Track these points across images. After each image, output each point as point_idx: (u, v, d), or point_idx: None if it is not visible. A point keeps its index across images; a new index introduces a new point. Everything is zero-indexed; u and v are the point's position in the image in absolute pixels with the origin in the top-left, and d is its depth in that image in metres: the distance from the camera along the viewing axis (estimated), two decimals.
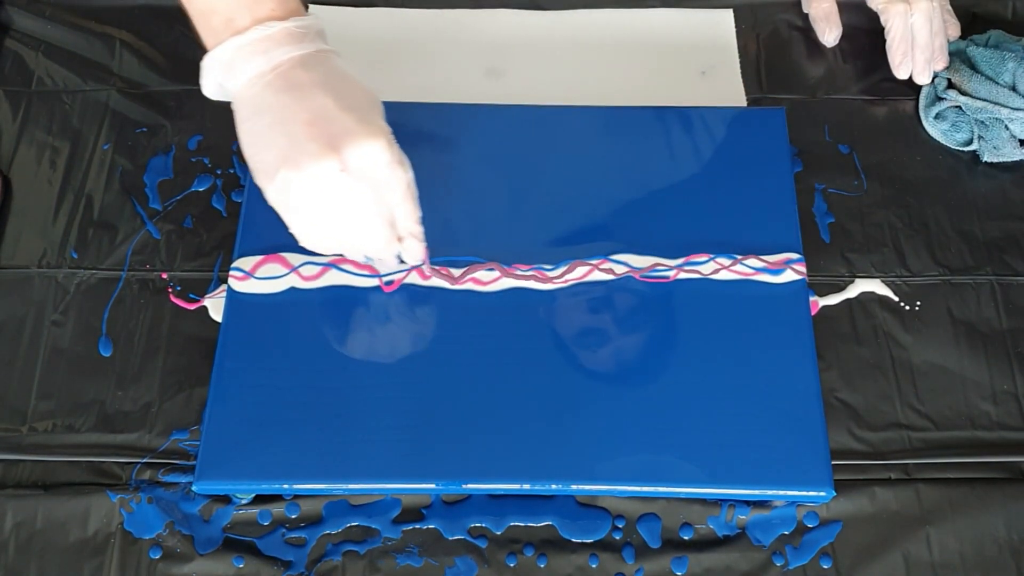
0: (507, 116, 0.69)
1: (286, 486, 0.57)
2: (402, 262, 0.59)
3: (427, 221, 0.57)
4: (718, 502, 0.59)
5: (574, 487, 0.57)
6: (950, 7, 0.75)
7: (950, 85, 0.73)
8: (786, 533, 0.58)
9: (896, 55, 0.73)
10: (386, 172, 0.54)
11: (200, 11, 0.54)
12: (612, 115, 0.69)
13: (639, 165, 0.67)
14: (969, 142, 0.71)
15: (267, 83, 0.53)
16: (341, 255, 0.60)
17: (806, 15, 0.78)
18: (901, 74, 0.74)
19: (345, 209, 0.54)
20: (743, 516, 0.59)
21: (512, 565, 0.57)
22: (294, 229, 0.56)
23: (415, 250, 0.58)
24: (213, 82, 0.55)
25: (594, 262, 0.63)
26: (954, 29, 0.75)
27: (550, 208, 0.65)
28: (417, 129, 0.68)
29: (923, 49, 0.72)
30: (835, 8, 0.76)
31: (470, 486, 0.57)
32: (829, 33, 0.76)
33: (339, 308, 0.61)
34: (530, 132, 0.68)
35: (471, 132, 0.68)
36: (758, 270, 0.63)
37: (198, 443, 0.59)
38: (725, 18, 0.78)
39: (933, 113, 0.72)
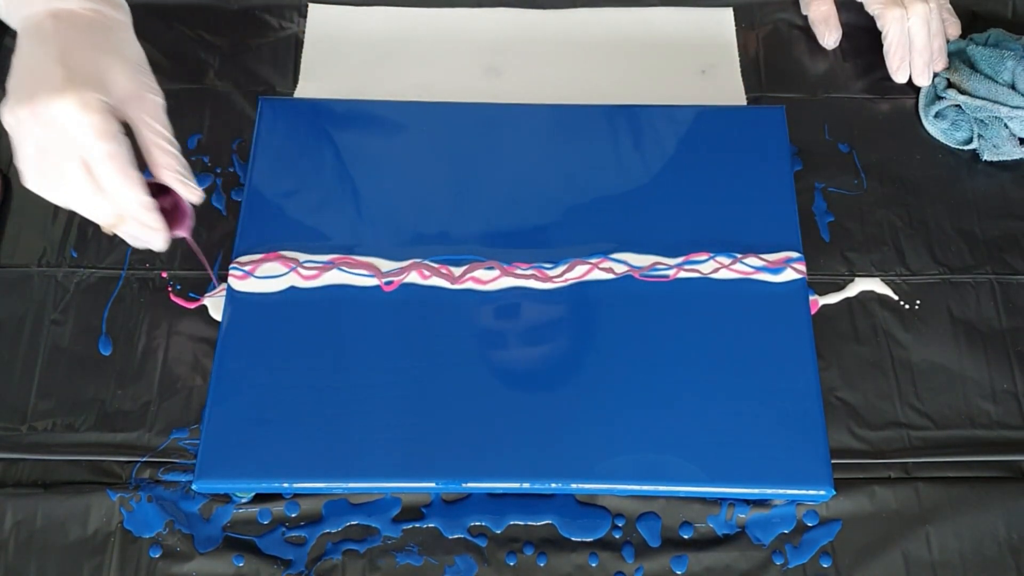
0: (507, 115, 0.69)
1: (286, 485, 0.57)
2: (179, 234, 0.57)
3: (427, 221, 0.58)
4: (718, 501, 0.59)
5: (574, 486, 0.57)
6: (950, 6, 0.75)
7: (950, 84, 0.73)
8: (786, 532, 0.58)
9: (893, 60, 0.73)
10: (85, 139, 0.51)
11: None
12: (612, 114, 0.69)
13: (639, 164, 0.67)
14: (969, 141, 0.71)
15: (35, 24, 0.53)
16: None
17: (805, 16, 0.78)
18: (899, 79, 0.74)
19: (41, 160, 0.52)
20: (743, 515, 0.59)
21: (512, 564, 0.57)
22: (25, 171, 0.53)
23: (141, 232, 0.55)
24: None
25: (594, 261, 0.63)
26: (954, 28, 0.75)
27: (550, 207, 0.65)
28: (417, 128, 0.68)
29: (921, 52, 0.72)
30: (834, 11, 0.76)
31: (470, 485, 0.57)
32: (829, 36, 0.76)
33: (339, 307, 0.61)
34: (529, 131, 0.68)
35: (471, 131, 0.68)
36: (758, 269, 0.63)
37: (198, 442, 0.59)
38: (725, 17, 0.78)
39: (933, 112, 0.72)
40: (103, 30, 0.54)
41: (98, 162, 0.52)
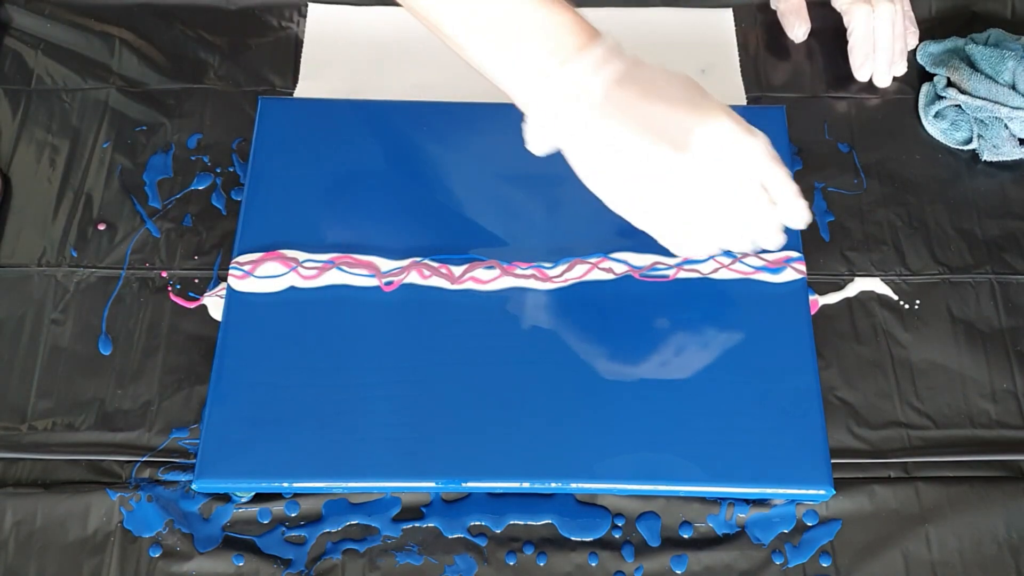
0: (507, 115, 0.68)
1: (286, 484, 0.57)
2: (785, 231, 0.56)
3: (427, 221, 0.58)
4: (717, 500, 0.59)
5: (574, 485, 0.57)
6: (912, 15, 0.76)
7: (949, 83, 0.73)
8: (785, 531, 0.58)
9: (858, 56, 0.73)
10: (737, 147, 0.52)
11: (510, 73, 0.53)
12: None
13: None
14: (969, 141, 0.71)
15: (598, 115, 0.52)
16: (726, 251, 0.57)
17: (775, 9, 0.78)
18: (862, 76, 0.74)
19: (714, 200, 0.53)
20: (743, 514, 0.59)
21: (512, 563, 0.57)
22: (671, 241, 0.55)
23: (795, 210, 0.54)
24: (538, 137, 0.54)
25: (594, 260, 0.63)
26: (913, 37, 0.76)
27: (550, 206, 0.65)
28: (417, 128, 0.68)
29: (885, 51, 0.73)
30: (803, 3, 0.76)
31: (470, 484, 0.57)
32: (798, 28, 0.76)
33: (339, 307, 0.61)
34: None
35: (470, 131, 0.68)
36: (758, 269, 0.63)
37: (198, 441, 0.59)
38: (725, 17, 0.78)
39: (933, 112, 0.72)
40: (650, 72, 0.54)
41: (760, 162, 0.53)
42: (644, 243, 0.63)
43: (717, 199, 0.53)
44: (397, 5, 0.78)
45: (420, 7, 0.55)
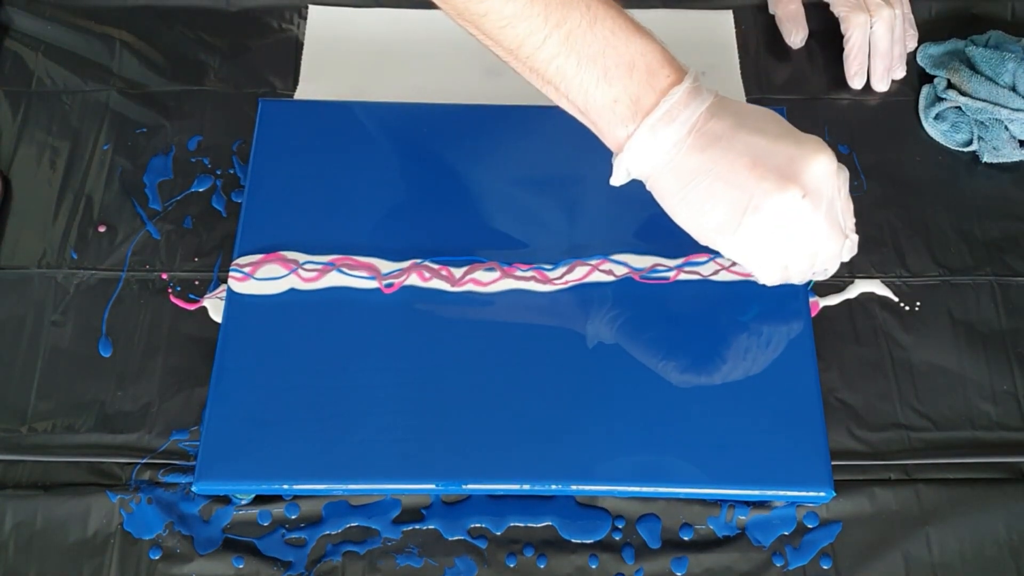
0: (507, 116, 0.69)
1: (286, 486, 0.57)
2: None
3: (427, 223, 0.58)
4: (718, 502, 0.59)
5: (574, 487, 0.57)
6: (912, 18, 0.76)
7: (950, 85, 0.73)
8: (786, 533, 0.58)
9: (852, 65, 0.74)
10: (835, 180, 0.53)
11: (601, 106, 0.53)
12: None
13: None
14: (969, 142, 0.71)
15: (690, 147, 0.52)
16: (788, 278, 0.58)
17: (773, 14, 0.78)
18: (855, 84, 0.74)
19: (812, 231, 0.54)
20: (743, 516, 0.59)
21: (512, 565, 0.57)
22: (761, 271, 0.56)
23: (855, 243, 0.57)
24: (624, 170, 0.54)
25: (594, 262, 0.63)
26: (912, 41, 0.76)
27: (549, 209, 0.65)
28: (417, 129, 0.68)
29: (883, 57, 0.73)
30: (801, 10, 0.76)
31: (470, 486, 0.57)
32: (796, 34, 0.76)
33: (339, 309, 0.61)
34: (529, 132, 0.68)
35: (470, 132, 0.68)
36: None
37: (198, 443, 0.59)
38: (725, 19, 0.78)
39: (933, 113, 0.72)
40: (738, 106, 0.54)
41: (844, 196, 0.55)
42: (644, 245, 0.64)
43: (816, 232, 0.54)
44: (397, 6, 0.78)
45: (501, 37, 0.53)
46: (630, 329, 0.61)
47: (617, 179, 0.56)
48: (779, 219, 0.52)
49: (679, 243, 0.63)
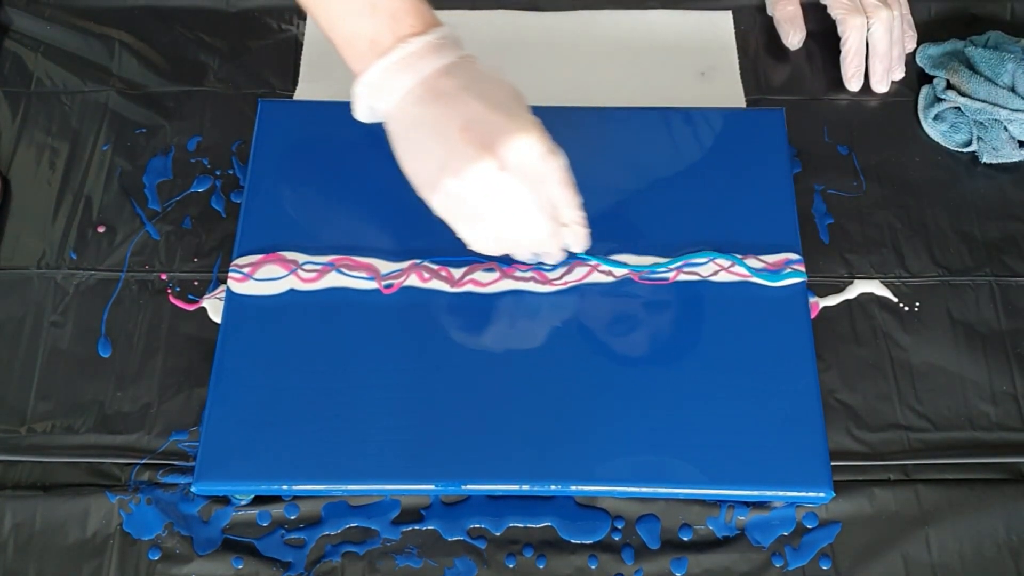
0: None
1: (285, 487, 0.57)
2: (568, 253, 0.60)
3: (427, 223, 0.57)
4: (717, 503, 0.59)
5: (573, 488, 0.57)
6: (911, 19, 0.76)
7: (949, 86, 0.73)
8: (785, 534, 0.58)
9: (849, 68, 0.74)
10: (541, 164, 0.54)
11: (344, 38, 0.55)
12: (611, 116, 0.69)
13: (638, 166, 0.67)
14: (968, 143, 0.71)
15: (417, 97, 0.54)
16: (508, 255, 0.60)
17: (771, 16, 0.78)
18: (852, 86, 0.74)
19: (509, 207, 0.55)
20: (742, 517, 0.59)
21: (511, 566, 0.57)
22: (463, 234, 0.57)
23: (580, 236, 0.59)
24: (364, 106, 0.56)
25: (593, 263, 0.63)
26: (911, 42, 0.76)
27: None
28: None
29: (882, 59, 0.73)
30: (799, 11, 0.76)
31: (469, 487, 0.57)
32: (794, 36, 0.76)
33: (338, 310, 0.61)
34: None
35: None
36: (757, 271, 0.63)
37: (197, 444, 0.59)
38: (724, 19, 0.78)
39: (932, 114, 0.72)
40: (481, 73, 0.55)
41: (557, 183, 0.55)
42: (643, 246, 0.64)
43: (511, 209, 0.55)
44: None
45: None
46: (629, 330, 0.61)
47: (359, 113, 0.56)
48: (475, 187, 0.53)
49: (678, 244, 0.64)
